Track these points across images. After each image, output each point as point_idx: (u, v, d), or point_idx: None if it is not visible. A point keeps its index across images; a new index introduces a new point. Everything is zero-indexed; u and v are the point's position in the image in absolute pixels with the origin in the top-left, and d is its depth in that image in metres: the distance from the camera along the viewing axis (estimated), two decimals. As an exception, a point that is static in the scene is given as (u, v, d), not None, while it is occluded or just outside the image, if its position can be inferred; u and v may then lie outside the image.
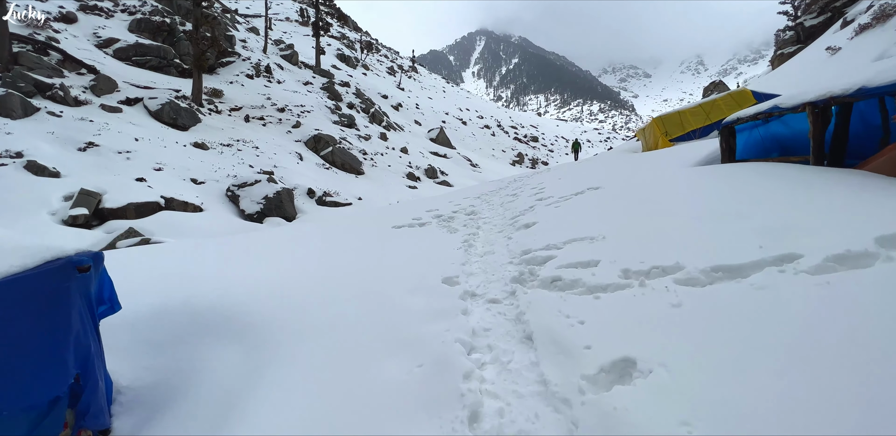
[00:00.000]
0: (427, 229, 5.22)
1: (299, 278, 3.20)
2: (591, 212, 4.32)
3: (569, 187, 6.28)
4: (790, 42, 27.14)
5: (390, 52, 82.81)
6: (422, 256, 3.86)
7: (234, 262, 3.81)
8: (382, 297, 2.81)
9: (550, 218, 4.51)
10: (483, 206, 7.06)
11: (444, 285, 2.98)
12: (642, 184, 5.06)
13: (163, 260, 3.85)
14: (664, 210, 3.55)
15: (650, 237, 2.92)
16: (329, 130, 23.80)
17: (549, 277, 2.76)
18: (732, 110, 8.75)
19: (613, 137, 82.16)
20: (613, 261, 2.66)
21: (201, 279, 3.02)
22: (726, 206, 3.14)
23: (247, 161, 16.69)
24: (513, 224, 4.83)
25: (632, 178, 5.87)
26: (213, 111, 20.50)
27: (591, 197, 5.08)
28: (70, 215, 9.64)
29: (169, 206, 11.82)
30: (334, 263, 3.84)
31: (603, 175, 6.95)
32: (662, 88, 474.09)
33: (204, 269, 3.43)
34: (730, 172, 4.32)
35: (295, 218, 14.12)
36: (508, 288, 2.89)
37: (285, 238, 5.36)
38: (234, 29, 34.13)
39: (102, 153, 12.99)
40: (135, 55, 21.83)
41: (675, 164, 6.18)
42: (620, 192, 4.89)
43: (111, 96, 16.82)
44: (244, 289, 2.78)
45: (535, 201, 5.93)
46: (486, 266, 3.50)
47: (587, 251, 3.00)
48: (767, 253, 2.09)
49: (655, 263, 2.42)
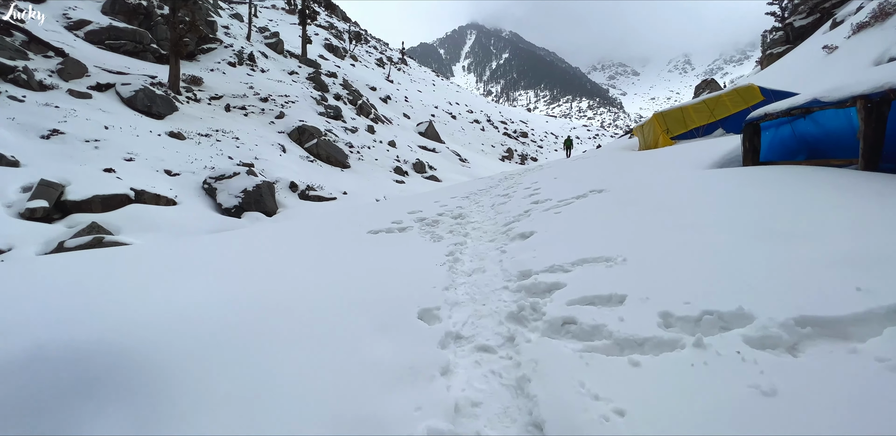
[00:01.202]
0: (407, 236, 4.58)
1: (237, 306, 2.38)
2: (600, 221, 3.74)
3: (568, 189, 5.73)
4: (779, 42, 27.19)
5: (379, 44, 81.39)
6: (397, 273, 3.19)
7: (165, 278, 2.93)
8: (338, 340, 2.08)
9: (551, 227, 3.96)
10: (472, 207, 6.45)
11: (420, 322, 2.31)
12: (655, 188, 4.48)
13: (83, 273, 2.96)
14: (693, 223, 2.98)
15: (684, 261, 2.36)
16: (314, 122, 23.05)
17: (560, 317, 2.12)
18: (738, 107, 8.35)
19: (602, 135, 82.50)
20: (645, 298, 2.06)
21: (110, 305, 2.25)
22: (779, 222, 2.56)
23: (226, 152, 15.94)
24: (506, 233, 4.27)
25: (640, 180, 5.28)
26: (192, 99, 19.58)
27: (596, 202, 4.50)
28: (27, 208, 8.91)
29: (139, 199, 11.10)
30: (287, 282, 2.98)
31: (604, 176, 6.33)
32: (650, 87, 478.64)
33: (122, 290, 2.58)
34: (763, 176, 3.79)
35: (276, 213, 13.51)
36: (504, 329, 2.22)
37: (240, 245, 4.41)
38: (216, 14, 32.84)
39: (68, 141, 12.15)
40: (108, 39, 20.69)
41: (687, 165, 5.60)
42: (630, 196, 4.31)
43: (80, 81, 15.84)
44: (158, 322, 2.06)
45: (531, 205, 5.33)
46: (476, 291, 2.85)
47: (605, 279, 2.41)
48: (875, 300, 1.52)
49: (708, 305, 1.82)
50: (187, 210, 11.61)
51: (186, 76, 21.26)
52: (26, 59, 15.33)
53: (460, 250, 3.88)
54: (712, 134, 8.91)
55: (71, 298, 2.28)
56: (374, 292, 2.72)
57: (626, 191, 4.64)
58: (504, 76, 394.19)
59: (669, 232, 2.91)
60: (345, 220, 6.07)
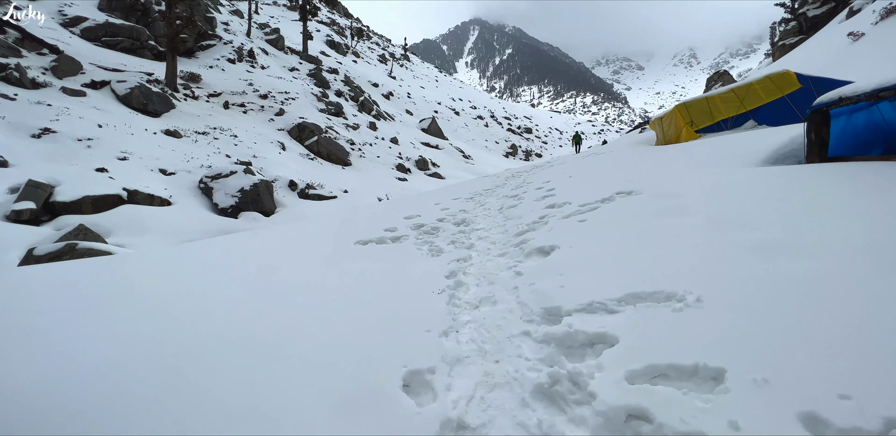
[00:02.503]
0: (401, 248, 3.85)
1: (158, 358, 1.78)
2: (642, 235, 2.90)
3: (588, 190, 4.95)
4: (792, 33, 26.39)
5: (382, 40, 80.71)
6: (381, 305, 2.47)
7: (86, 313, 2.27)
8: (267, 425, 1.38)
9: (577, 241, 3.17)
10: (477, 211, 5.67)
11: (404, 397, 1.57)
12: (703, 191, 3.65)
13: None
14: (783, 246, 2.19)
15: (801, 309, 1.62)
16: (315, 119, 22.63)
17: (620, 406, 1.35)
18: (772, 96, 7.66)
19: (607, 130, 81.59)
20: (762, 380, 1.28)
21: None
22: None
23: (224, 150, 15.57)
24: (520, 246, 3.52)
25: (677, 180, 4.42)
26: (190, 97, 19.21)
27: (627, 207, 3.72)
28: (13, 210, 8.57)
29: (132, 199, 10.75)
30: (238, 317, 2.28)
31: (628, 174, 5.44)
32: (655, 81, 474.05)
33: (35, 332, 1.99)
34: (852, 177, 3.08)
35: (274, 212, 13.13)
36: (532, 418, 1.45)
37: (194, 263, 3.64)
38: (215, 11, 32.41)
39: (59, 140, 11.81)
40: (105, 36, 20.33)
41: (730, 161, 4.72)
42: (672, 203, 3.45)
43: (74, 79, 15.50)
44: (53, 381, 1.54)
45: (546, 209, 4.59)
46: (485, 336, 2.09)
47: (677, 332, 1.66)
48: None
49: (884, 410, 1.10)
50: (182, 211, 11.25)
51: (184, 73, 20.89)
52: (19, 57, 15.01)
53: (464, 269, 3.16)
54: (742, 126, 8.06)
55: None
56: (343, 341, 2.00)
57: (663, 195, 3.82)
58: (507, 72, 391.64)
59: (751, 257, 2.13)
60: (333, 226, 5.45)
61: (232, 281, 3.03)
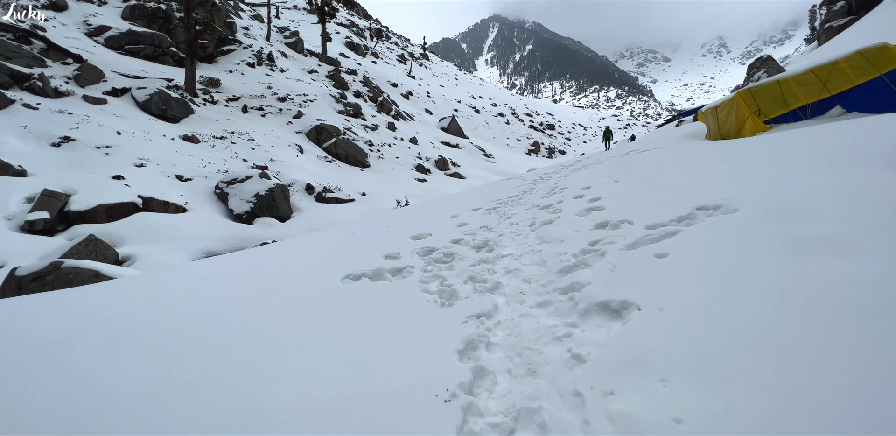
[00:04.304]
0: (401, 290, 2.81)
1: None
2: (795, 298, 1.72)
3: (648, 201, 3.75)
4: (840, 14, 24.44)
5: (401, 40, 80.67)
6: (351, 424, 1.44)
7: None
8: None
9: (666, 294, 2.04)
10: (502, 226, 4.50)
11: None
12: (850, 207, 2.42)
13: None
14: None
15: None
16: (333, 120, 22.39)
17: None
18: (865, 76, 6.31)
19: (633, 124, 79.02)
20: None
21: None
22: None
23: (241, 155, 15.41)
24: (570, 294, 2.37)
25: (784, 188, 3.09)
26: (209, 101, 19.25)
27: (728, 233, 2.56)
28: (26, 221, 8.47)
29: (147, 206, 10.60)
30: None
31: (699, 179, 4.14)
32: (682, 73, 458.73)
33: None
34: None
35: (290, 217, 12.82)
36: None
37: (109, 319, 2.54)
38: (235, 16, 32.78)
39: (78, 148, 11.82)
40: (127, 44, 20.65)
41: (863, 160, 3.19)
42: (808, 228, 2.28)
43: (96, 87, 15.66)
44: None
45: (597, 230, 3.38)
46: None
47: None
48: None
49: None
50: (196, 217, 11.04)
51: (204, 78, 21.00)
52: (44, 66, 15.26)
53: (487, 337, 2.06)
54: (826, 114, 6.76)
55: None
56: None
57: (779, 213, 2.59)
58: (528, 68, 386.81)
59: None
60: (327, 248, 4.55)
61: (142, 372, 1.87)
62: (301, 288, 3.05)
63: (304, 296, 2.86)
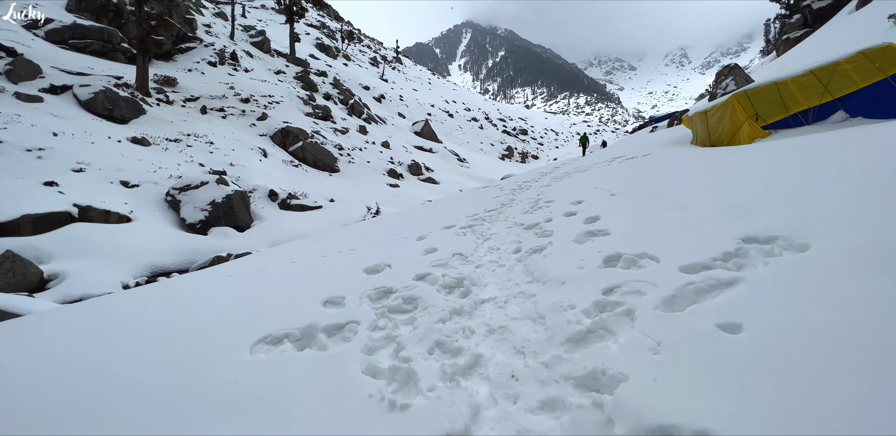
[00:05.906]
0: (334, 368, 1.92)
1: None
2: None
3: (667, 227, 2.90)
4: (796, 26, 25.53)
5: (374, 43, 79.71)
6: None
7: None
8: None
9: (764, 406, 1.20)
10: (480, 254, 3.58)
11: None
12: None
13: None
14: None
15: None
16: (300, 123, 21.41)
17: None
18: (869, 78, 5.98)
19: (603, 130, 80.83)
20: None
21: None
22: None
23: (197, 159, 14.30)
24: (590, 394, 1.51)
25: (861, 213, 2.20)
26: (163, 101, 17.94)
27: (827, 289, 1.66)
28: (-70, 235, 7.30)
29: (84, 216, 9.49)
30: None
31: (719, 194, 3.28)
32: (647, 81, 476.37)
33: None
34: None
35: (250, 227, 11.88)
36: None
37: None
38: (196, 12, 31.20)
39: (5, 151, 10.52)
40: (72, 38, 19.06)
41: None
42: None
43: (31, 83, 14.22)
44: None
45: (606, 266, 2.57)
46: None
47: None
48: None
49: None
50: (142, 228, 9.98)
51: (159, 77, 19.64)
52: (-30, 60, 13.72)
53: None
54: (829, 119, 6.31)
55: None
56: None
57: (879, 254, 1.74)
58: (501, 74, 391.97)
59: None
60: (250, 288, 3.41)
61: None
62: (178, 373, 1.94)
63: (178, 392, 1.78)
